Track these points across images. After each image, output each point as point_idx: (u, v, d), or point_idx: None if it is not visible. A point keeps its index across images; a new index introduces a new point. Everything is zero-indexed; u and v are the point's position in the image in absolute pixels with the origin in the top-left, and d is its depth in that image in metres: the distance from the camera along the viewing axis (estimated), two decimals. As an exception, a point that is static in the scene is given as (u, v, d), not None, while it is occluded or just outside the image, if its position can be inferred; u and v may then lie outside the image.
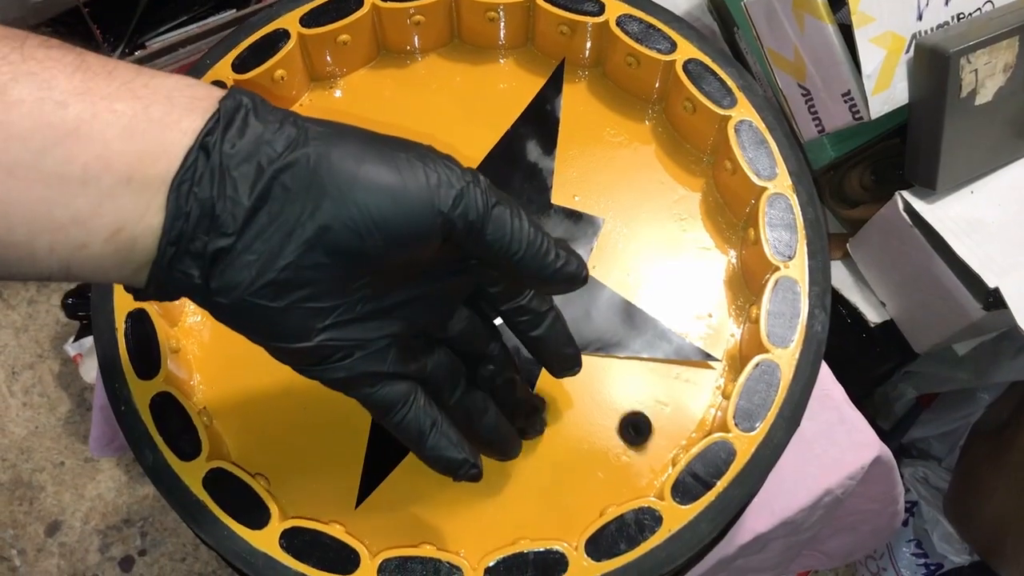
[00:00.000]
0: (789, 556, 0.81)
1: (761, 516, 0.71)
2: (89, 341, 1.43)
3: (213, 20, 1.32)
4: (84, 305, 1.36)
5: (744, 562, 0.76)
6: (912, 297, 0.96)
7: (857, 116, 0.87)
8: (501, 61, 0.70)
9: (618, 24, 0.64)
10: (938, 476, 1.30)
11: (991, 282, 0.83)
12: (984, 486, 1.17)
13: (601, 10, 0.65)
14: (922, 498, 1.30)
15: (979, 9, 0.86)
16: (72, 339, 1.49)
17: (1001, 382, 1.14)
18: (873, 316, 1.03)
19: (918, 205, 0.89)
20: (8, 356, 1.58)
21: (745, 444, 0.53)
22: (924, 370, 1.18)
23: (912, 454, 1.37)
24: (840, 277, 1.05)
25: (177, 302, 0.60)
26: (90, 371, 1.42)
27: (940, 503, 1.28)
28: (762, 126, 0.61)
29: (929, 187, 0.88)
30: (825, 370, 0.78)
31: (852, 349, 1.07)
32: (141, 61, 1.27)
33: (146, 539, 1.46)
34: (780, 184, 0.60)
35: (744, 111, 0.62)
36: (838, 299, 1.05)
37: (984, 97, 0.84)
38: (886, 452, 0.75)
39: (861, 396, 1.24)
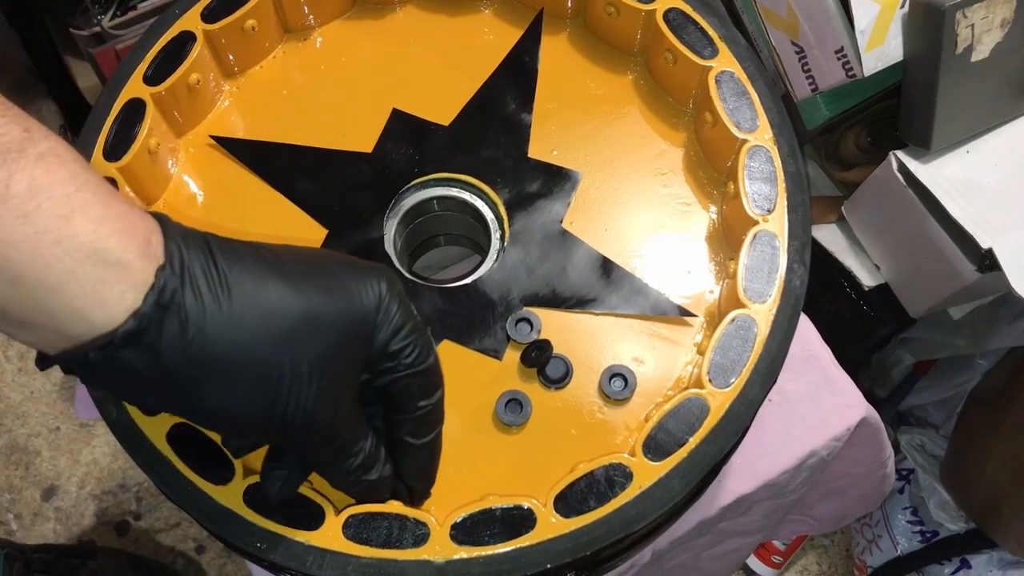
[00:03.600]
0: (775, 519, 0.80)
1: (743, 478, 0.70)
2: (82, 306, 1.43)
3: (204, -19, 1.30)
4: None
5: (728, 524, 0.75)
6: (906, 260, 0.94)
7: (851, 73, 0.85)
8: (480, 12, 0.68)
9: (598, -28, 0.63)
10: (935, 444, 1.29)
11: (985, 243, 0.81)
12: (980, 453, 1.16)
13: (580, -42, 0.63)
14: (919, 465, 1.29)
15: (977, -38, 0.84)
16: (66, 304, 1.49)
17: (998, 348, 1.13)
18: (868, 280, 1.01)
19: (912, 165, 0.87)
20: (4, 322, 1.58)
21: (719, 400, 0.52)
22: (921, 336, 1.17)
23: (909, 421, 1.36)
24: (835, 240, 1.03)
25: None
26: (83, 336, 1.41)
27: (937, 471, 1.27)
28: (743, 76, 0.60)
29: (924, 147, 0.86)
30: (812, 331, 0.77)
31: (847, 314, 1.06)
32: (131, 23, 1.26)
33: (141, 503, 1.46)
34: (761, 136, 0.58)
35: (725, 61, 0.60)
36: (833, 263, 1.04)
37: (981, 54, 0.82)
38: (873, 414, 0.74)
39: (858, 363, 1.23)
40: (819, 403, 0.73)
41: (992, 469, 1.13)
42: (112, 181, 0.57)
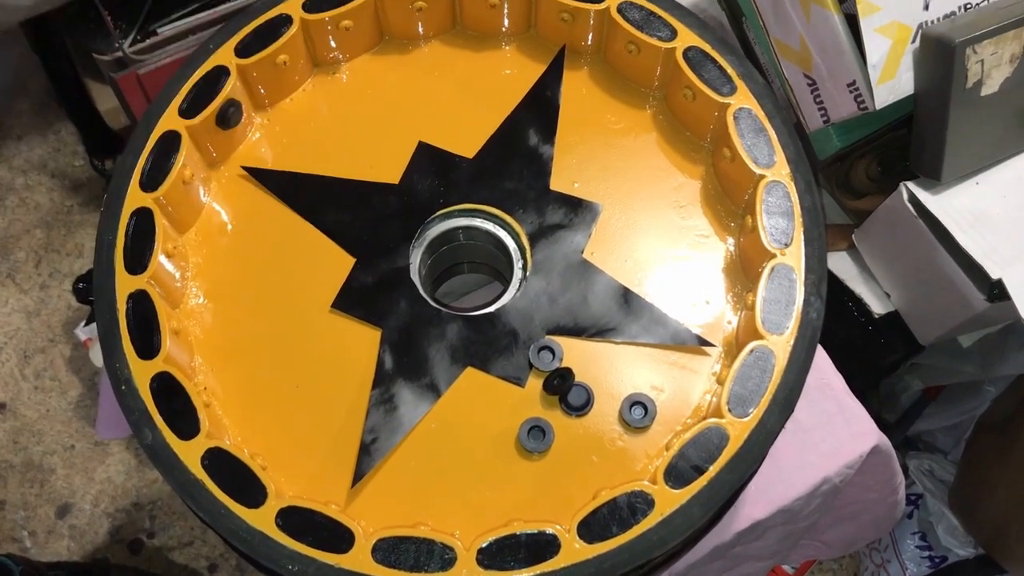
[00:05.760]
0: (788, 544, 0.81)
1: (758, 503, 0.72)
2: (100, 326, 1.44)
3: (224, 8, 1.32)
4: (95, 290, 1.37)
5: (742, 549, 0.76)
6: (916, 288, 0.96)
7: (862, 106, 0.86)
8: (503, 48, 0.70)
9: (619, 11, 0.65)
10: (943, 469, 1.30)
11: (995, 273, 0.83)
12: (988, 479, 1.16)
13: (602, -3, 0.65)
14: (927, 491, 1.30)
15: (986, -1, 0.86)
16: (83, 323, 1.50)
17: (1007, 375, 1.14)
18: (878, 307, 1.03)
19: (923, 196, 0.89)
20: (20, 340, 1.59)
21: (738, 429, 0.53)
22: (930, 363, 1.18)
23: (918, 447, 1.37)
24: (845, 268, 1.05)
25: (179, 284, 0.61)
26: (100, 355, 1.43)
27: (945, 496, 1.28)
28: (761, 114, 0.62)
29: (934, 178, 0.88)
30: (825, 360, 0.78)
31: (857, 340, 1.07)
32: (152, 48, 1.28)
33: (155, 522, 1.47)
34: (778, 172, 0.60)
35: (743, 99, 0.62)
36: (843, 290, 1.05)
37: (990, 88, 0.84)
38: (885, 441, 0.75)
39: (867, 388, 1.24)
40: (833, 431, 0.74)
41: (1000, 495, 1.14)
42: (148, 211, 0.59)
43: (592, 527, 0.51)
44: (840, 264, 1.05)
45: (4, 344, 1.60)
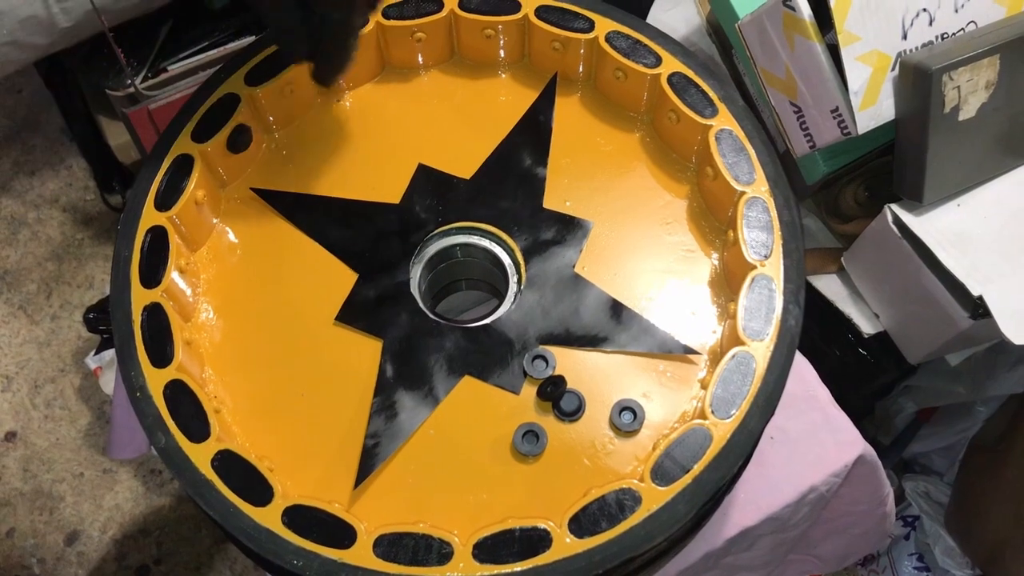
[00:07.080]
0: (778, 555, 0.83)
1: (748, 511, 0.74)
2: (109, 354, 1.47)
3: (233, 46, 1.37)
4: (105, 319, 1.40)
5: (733, 559, 0.78)
6: (903, 308, 0.98)
7: (845, 131, 0.90)
8: (499, 76, 0.74)
9: (607, 40, 0.69)
10: (939, 491, 1.31)
11: (975, 291, 0.85)
12: (982, 500, 1.18)
13: (591, 27, 0.69)
14: (924, 512, 1.32)
15: (962, 29, 0.89)
16: (93, 352, 1.53)
17: (998, 395, 1.16)
18: (867, 327, 1.05)
19: (907, 218, 0.92)
20: (31, 370, 1.63)
21: (721, 430, 0.56)
22: (923, 384, 1.20)
23: (914, 469, 1.38)
24: (835, 290, 1.07)
25: (191, 299, 0.64)
26: (109, 383, 1.46)
27: (942, 517, 1.29)
28: (741, 134, 0.65)
29: (917, 200, 0.91)
30: (811, 372, 0.81)
31: (849, 361, 1.09)
32: (163, 84, 1.33)
33: (162, 548, 1.49)
34: (758, 188, 0.63)
35: (725, 120, 0.66)
36: (833, 311, 1.08)
37: (967, 113, 0.87)
38: (870, 451, 0.77)
39: (862, 410, 1.26)
40: (818, 440, 0.77)
41: (995, 515, 1.15)
42: (162, 229, 0.62)
43: (582, 522, 0.54)
44: (830, 286, 1.08)
45: (15, 374, 1.63)
